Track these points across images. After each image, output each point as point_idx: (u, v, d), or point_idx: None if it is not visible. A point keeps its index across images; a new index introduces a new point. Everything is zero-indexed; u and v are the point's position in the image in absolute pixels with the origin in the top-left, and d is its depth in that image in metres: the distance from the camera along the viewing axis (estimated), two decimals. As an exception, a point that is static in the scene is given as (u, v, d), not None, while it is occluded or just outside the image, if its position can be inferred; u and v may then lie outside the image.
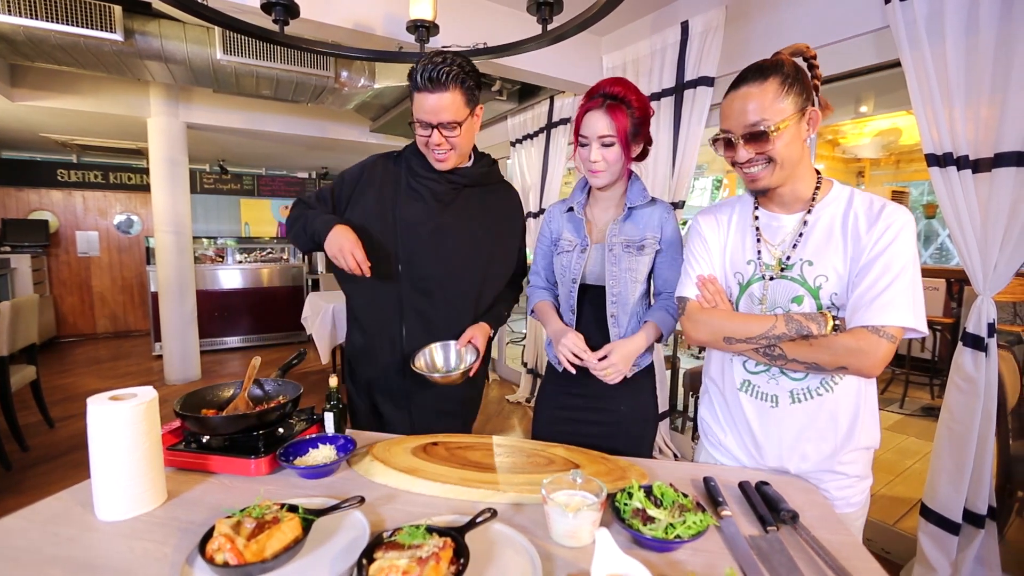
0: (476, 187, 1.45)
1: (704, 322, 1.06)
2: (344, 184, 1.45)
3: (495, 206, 1.49)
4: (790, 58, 0.97)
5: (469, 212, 1.43)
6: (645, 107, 1.27)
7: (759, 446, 1.05)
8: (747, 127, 0.94)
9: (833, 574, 0.72)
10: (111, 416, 0.88)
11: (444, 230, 1.39)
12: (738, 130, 0.96)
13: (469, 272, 1.44)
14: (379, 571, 0.67)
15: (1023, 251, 1.55)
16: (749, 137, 0.94)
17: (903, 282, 0.89)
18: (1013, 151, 1.52)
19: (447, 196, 1.40)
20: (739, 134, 0.96)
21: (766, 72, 0.94)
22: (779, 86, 0.92)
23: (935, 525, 1.70)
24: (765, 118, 0.92)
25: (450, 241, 1.40)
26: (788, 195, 1.01)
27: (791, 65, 0.95)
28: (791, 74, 0.93)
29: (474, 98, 1.30)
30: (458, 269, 1.42)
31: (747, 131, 0.94)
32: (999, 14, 1.54)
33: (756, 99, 0.93)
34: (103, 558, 0.77)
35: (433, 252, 1.39)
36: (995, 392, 1.61)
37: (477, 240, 1.44)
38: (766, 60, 0.97)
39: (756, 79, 0.94)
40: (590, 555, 0.76)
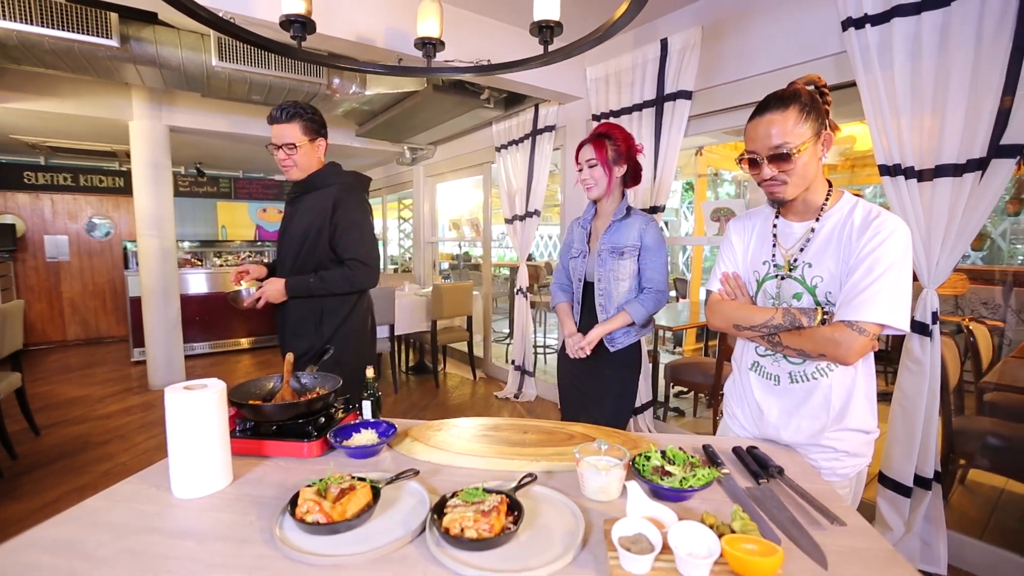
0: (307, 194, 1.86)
1: (720, 312, 1.25)
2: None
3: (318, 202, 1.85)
4: (805, 88, 1.11)
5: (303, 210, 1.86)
6: (627, 140, 1.70)
7: (762, 417, 1.23)
8: (771, 149, 1.08)
9: (812, 509, 0.89)
10: (189, 403, 0.97)
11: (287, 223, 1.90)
12: (763, 151, 1.09)
13: (293, 251, 1.86)
14: (451, 521, 0.81)
15: (960, 249, 1.79)
16: (773, 158, 1.08)
17: (884, 283, 1.01)
18: (950, 163, 1.77)
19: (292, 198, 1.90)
20: (764, 155, 1.09)
21: (787, 101, 1.07)
22: (799, 113, 1.06)
23: (890, 490, 1.93)
24: (787, 141, 1.06)
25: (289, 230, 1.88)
26: (801, 205, 1.16)
27: (807, 95, 1.09)
28: (808, 103, 1.07)
29: (306, 129, 1.78)
30: (288, 250, 1.88)
31: (771, 152, 1.08)
32: (938, 45, 1.78)
33: (779, 125, 1.06)
34: (194, 527, 0.88)
35: (282, 237, 1.92)
36: (938, 372, 1.86)
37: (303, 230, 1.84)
38: (786, 90, 1.11)
39: (778, 107, 1.08)
40: (617, 508, 0.92)
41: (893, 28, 1.86)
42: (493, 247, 4.99)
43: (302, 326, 1.86)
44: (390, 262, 7.84)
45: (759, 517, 0.87)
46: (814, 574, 0.74)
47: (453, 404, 4.03)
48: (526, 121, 3.82)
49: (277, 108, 1.75)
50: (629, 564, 0.72)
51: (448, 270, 7.92)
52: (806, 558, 0.78)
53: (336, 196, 1.81)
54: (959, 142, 1.75)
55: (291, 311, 1.86)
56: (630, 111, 2.96)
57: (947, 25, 1.76)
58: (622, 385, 1.77)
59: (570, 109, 3.53)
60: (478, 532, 0.79)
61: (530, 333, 4.16)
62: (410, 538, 0.83)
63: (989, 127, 1.69)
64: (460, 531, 0.79)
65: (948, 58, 1.76)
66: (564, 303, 1.88)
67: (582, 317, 1.82)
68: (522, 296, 4.10)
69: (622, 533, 0.77)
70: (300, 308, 1.85)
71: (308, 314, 1.85)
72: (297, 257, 1.85)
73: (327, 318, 1.86)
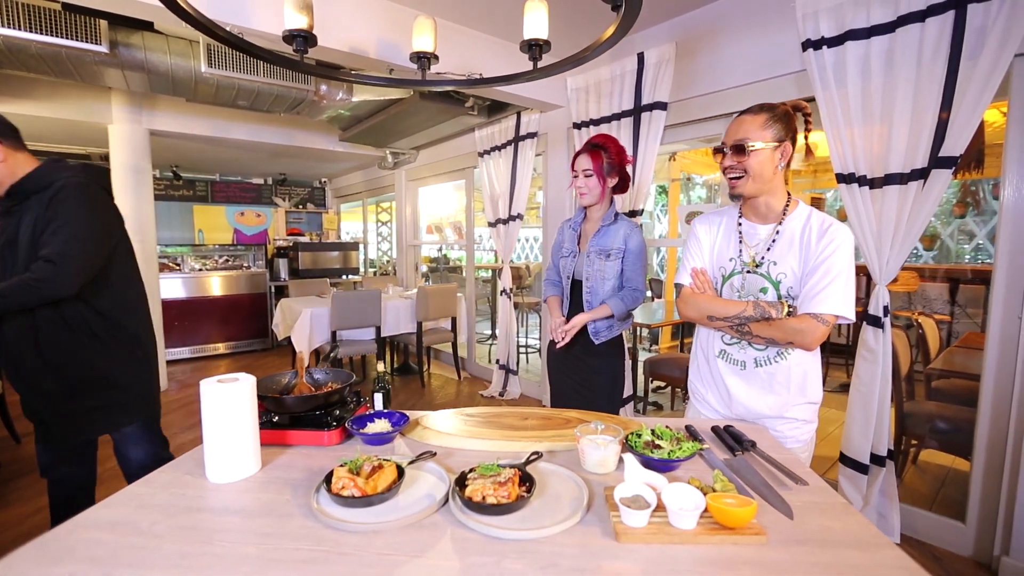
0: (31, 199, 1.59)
1: (693, 304, 1.39)
2: None
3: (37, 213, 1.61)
4: (784, 105, 1.30)
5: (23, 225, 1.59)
6: (620, 153, 1.85)
7: (732, 398, 1.39)
8: (734, 141, 1.27)
9: (780, 473, 1.04)
10: (224, 395, 1.06)
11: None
12: (729, 143, 1.29)
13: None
14: (473, 491, 0.92)
15: (907, 249, 2.00)
16: (733, 148, 1.28)
17: (838, 282, 1.21)
18: (897, 172, 1.97)
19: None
20: (729, 146, 1.29)
21: (761, 109, 1.28)
22: (765, 120, 1.25)
23: (849, 468, 2.13)
24: (747, 137, 1.25)
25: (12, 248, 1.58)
26: (763, 208, 1.33)
27: (782, 110, 1.27)
28: (779, 116, 1.26)
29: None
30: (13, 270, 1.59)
31: (733, 143, 1.28)
32: (884, 66, 1.99)
33: (747, 124, 1.27)
34: (236, 505, 0.97)
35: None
36: (890, 359, 2.06)
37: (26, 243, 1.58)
38: (767, 103, 1.30)
39: (752, 112, 1.28)
40: (615, 478, 1.05)
41: (847, 50, 2.06)
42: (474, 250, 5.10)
43: (19, 357, 1.57)
44: (369, 265, 7.85)
45: (736, 480, 1.02)
46: (783, 523, 0.89)
47: (440, 403, 4.11)
48: (508, 128, 3.95)
49: None
50: (629, 519, 0.85)
51: (428, 273, 7.98)
52: (776, 512, 0.92)
53: (55, 194, 1.54)
54: (904, 153, 1.96)
55: (6, 336, 1.57)
56: (609, 120, 3.12)
57: (892, 49, 1.96)
58: (611, 373, 1.93)
59: (551, 117, 3.67)
60: (497, 499, 0.90)
61: (514, 333, 4.28)
62: (436, 507, 0.94)
63: (929, 140, 1.90)
64: (482, 499, 0.90)
65: (893, 78, 1.97)
66: (554, 296, 2.05)
67: (570, 311, 1.98)
68: (506, 297, 4.22)
69: (622, 495, 0.90)
70: (12, 331, 1.56)
71: (20, 337, 1.56)
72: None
73: (46, 342, 1.57)
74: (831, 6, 2.09)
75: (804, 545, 0.82)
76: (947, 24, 1.84)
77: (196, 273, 5.56)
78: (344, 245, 6.69)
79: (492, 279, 6.56)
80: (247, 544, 0.84)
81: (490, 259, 7.90)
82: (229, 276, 5.69)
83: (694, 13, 2.75)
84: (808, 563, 0.78)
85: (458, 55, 2.91)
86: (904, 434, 2.42)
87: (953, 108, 1.84)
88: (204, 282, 5.53)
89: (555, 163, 3.77)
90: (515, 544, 0.83)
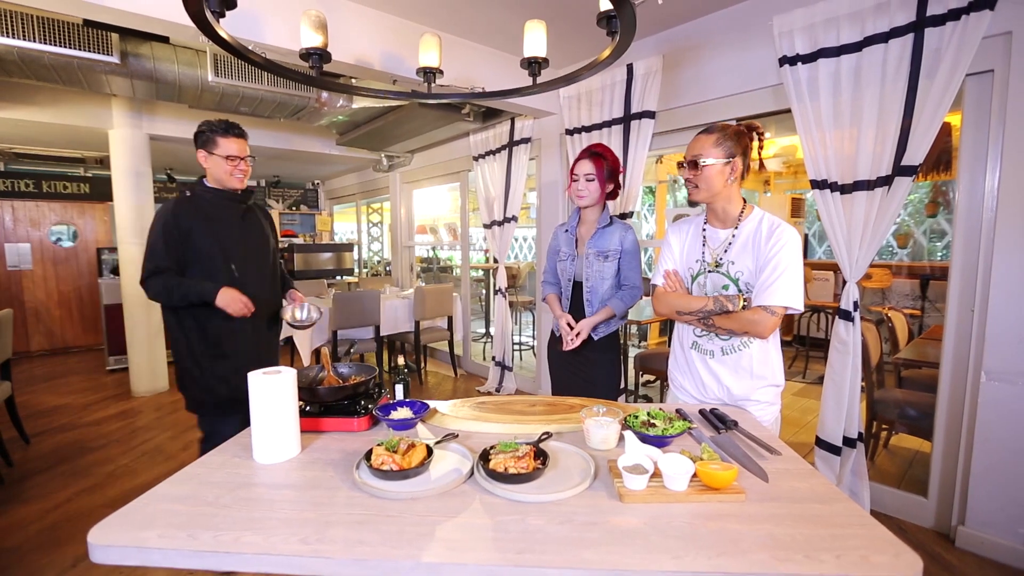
0: (253, 205, 2.07)
1: (664, 301, 1.57)
2: (172, 236, 1.86)
3: (262, 216, 2.11)
4: (733, 125, 1.49)
5: (256, 223, 2.04)
6: (615, 161, 2.00)
7: (704, 385, 1.56)
8: (691, 157, 1.47)
9: (757, 446, 1.21)
10: (270, 385, 1.19)
11: (251, 238, 1.99)
12: (687, 157, 1.48)
13: (265, 258, 2.05)
14: (496, 464, 1.07)
15: (874, 248, 2.18)
16: (689, 164, 1.47)
17: (785, 277, 1.37)
18: (864, 179, 2.16)
19: (244, 212, 1.99)
20: (687, 161, 1.48)
21: (713, 130, 1.48)
22: (716, 139, 1.45)
23: (824, 450, 2.32)
24: (700, 154, 1.45)
25: (251, 241, 1.99)
26: (722, 213, 1.52)
27: (732, 130, 1.46)
28: (729, 135, 1.45)
29: None
30: (261, 260, 2.02)
31: (690, 159, 1.48)
32: (852, 83, 2.17)
33: (700, 142, 1.46)
34: (287, 480, 1.10)
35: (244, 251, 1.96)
36: (860, 351, 2.25)
37: (267, 242, 2.06)
38: (718, 123, 1.50)
39: (706, 132, 1.48)
40: (616, 454, 1.20)
41: (819, 67, 2.24)
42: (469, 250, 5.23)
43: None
44: (362, 266, 7.93)
45: (720, 452, 1.18)
46: (759, 485, 1.05)
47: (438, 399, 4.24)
48: (503, 133, 4.09)
49: (234, 124, 1.91)
50: (631, 483, 1.00)
51: (421, 272, 8.09)
52: (754, 476, 1.08)
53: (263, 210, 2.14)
54: (871, 162, 2.14)
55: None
56: (600, 127, 3.28)
57: (859, 67, 2.15)
58: (609, 366, 2.08)
59: (545, 123, 3.83)
60: (517, 470, 1.05)
61: (509, 331, 4.43)
62: (463, 479, 1.08)
63: (892, 150, 2.09)
64: (504, 469, 1.05)
65: (861, 93, 2.16)
66: (552, 294, 2.20)
67: (571, 311, 2.11)
68: (501, 296, 4.36)
69: (624, 464, 1.05)
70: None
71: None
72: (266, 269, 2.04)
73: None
74: (805, 26, 2.27)
75: (776, 501, 0.99)
76: (907, 45, 2.03)
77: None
78: (338, 246, 6.78)
79: (485, 279, 6.70)
80: (304, 511, 0.98)
81: (480, 259, 8.03)
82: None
83: (680, 28, 2.92)
84: (779, 515, 0.94)
85: (459, 65, 3.05)
86: (875, 419, 2.63)
87: (913, 121, 2.03)
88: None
89: (548, 167, 3.92)
90: (535, 506, 0.98)
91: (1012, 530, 1.97)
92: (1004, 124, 1.94)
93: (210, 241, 1.87)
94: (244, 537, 0.88)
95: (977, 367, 2.04)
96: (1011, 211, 1.94)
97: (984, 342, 2.01)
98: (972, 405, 2.06)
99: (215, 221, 1.90)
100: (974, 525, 2.06)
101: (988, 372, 2.00)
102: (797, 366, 4.92)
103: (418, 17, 2.79)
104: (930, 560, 2.02)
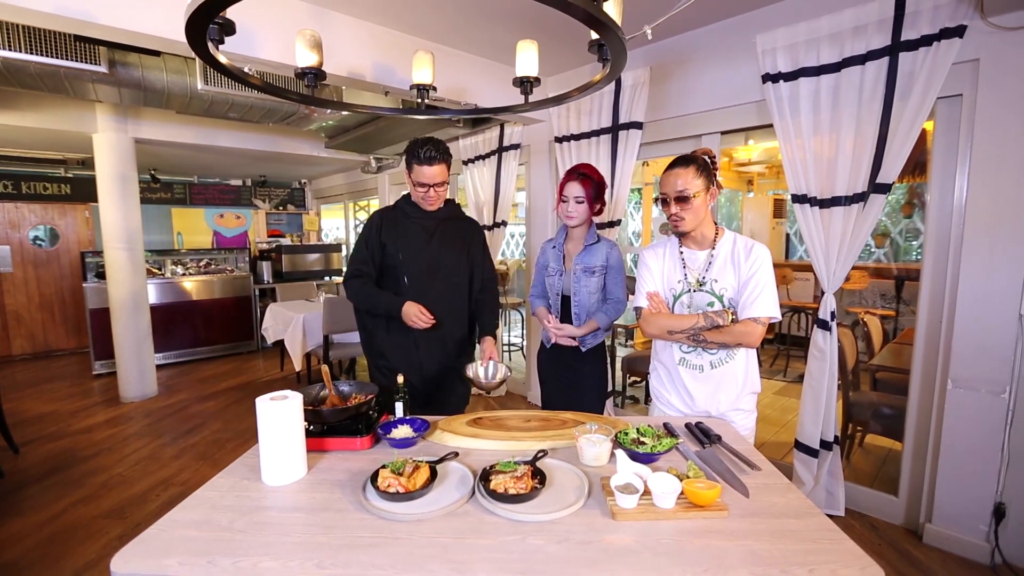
0: (448, 220, 2.08)
1: (654, 323, 1.64)
2: (371, 241, 2.03)
3: (461, 233, 2.11)
4: (702, 155, 1.58)
5: (447, 239, 2.06)
6: (602, 181, 2.07)
7: (693, 399, 1.65)
8: (677, 192, 1.54)
9: (739, 461, 1.29)
10: (278, 411, 1.24)
11: (435, 254, 2.02)
12: (672, 194, 1.55)
13: (456, 280, 2.07)
14: (497, 484, 1.14)
15: (851, 261, 2.29)
16: (677, 199, 1.55)
17: (766, 292, 1.51)
18: (842, 195, 2.26)
19: (433, 227, 2.03)
20: (672, 196, 1.55)
21: (688, 162, 1.56)
22: (696, 171, 1.54)
23: (802, 452, 2.44)
24: (687, 188, 1.52)
25: (432, 256, 2.02)
26: (699, 237, 1.62)
27: (702, 160, 1.56)
28: (703, 165, 1.55)
29: (449, 167, 1.99)
30: (443, 276, 2.04)
31: (676, 195, 1.55)
32: (832, 102, 2.26)
33: (683, 176, 1.54)
34: (297, 504, 1.16)
35: (429, 270, 2.01)
36: (836, 359, 2.37)
37: (457, 259, 2.07)
38: (688, 155, 1.58)
39: (683, 165, 1.56)
40: (608, 470, 1.28)
41: (800, 85, 2.33)
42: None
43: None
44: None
45: (704, 468, 1.26)
46: (740, 500, 1.13)
47: (430, 402, 4.29)
48: (492, 138, 4.13)
49: (433, 149, 1.89)
50: (623, 502, 1.08)
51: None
52: (736, 492, 1.17)
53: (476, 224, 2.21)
54: (848, 179, 2.24)
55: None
56: (588, 136, 3.35)
57: (838, 87, 2.24)
58: (597, 377, 2.17)
59: (534, 130, 3.87)
60: (517, 490, 1.12)
61: (505, 336, 4.49)
62: (465, 499, 1.15)
63: (868, 168, 2.19)
64: (504, 490, 1.12)
65: (839, 112, 2.25)
66: (542, 307, 2.26)
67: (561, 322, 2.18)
68: (491, 299, 4.42)
69: (616, 483, 1.13)
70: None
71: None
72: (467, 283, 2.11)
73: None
74: (787, 45, 2.35)
75: (756, 517, 1.07)
76: (883, 68, 2.12)
77: (181, 277, 5.56)
78: (326, 247, 6.76)
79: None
80: (317, 534, 1.03)
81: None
82: (214, 280, 5.71)
83: (667, 41, 2.99)
84: (759, 530, 1.02)
85: (451, 75, 3.08)
86: (850, 421, 2.75)
87: (887, 142, 2.13)
88: (190, 287, 5.54)
89: (538, 172, 3.98)
90: (534, 525, 1.05)
91: (974, 527, 2.10)
92: (971, 147, 2.05)
93: (393, 252, 1.99)
94: (263, 563, 0.94)
95: (944, 375, 2.16)
96: (976, 230, 2.05)
97: (951, 352, 2.13)
98: (939, 411, 2.19)
99: (402, 234, 2.00)
100: (940, 522, 2.20)
101: (954, 380, 2.12)
102: (778, 364, 5.08)
103: (409, 29, 2.82)
104: (899, 556, 2.15)
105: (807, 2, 2.40)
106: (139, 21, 1.99)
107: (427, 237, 2.01)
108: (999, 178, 1.98)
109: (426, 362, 2.06)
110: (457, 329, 2.11)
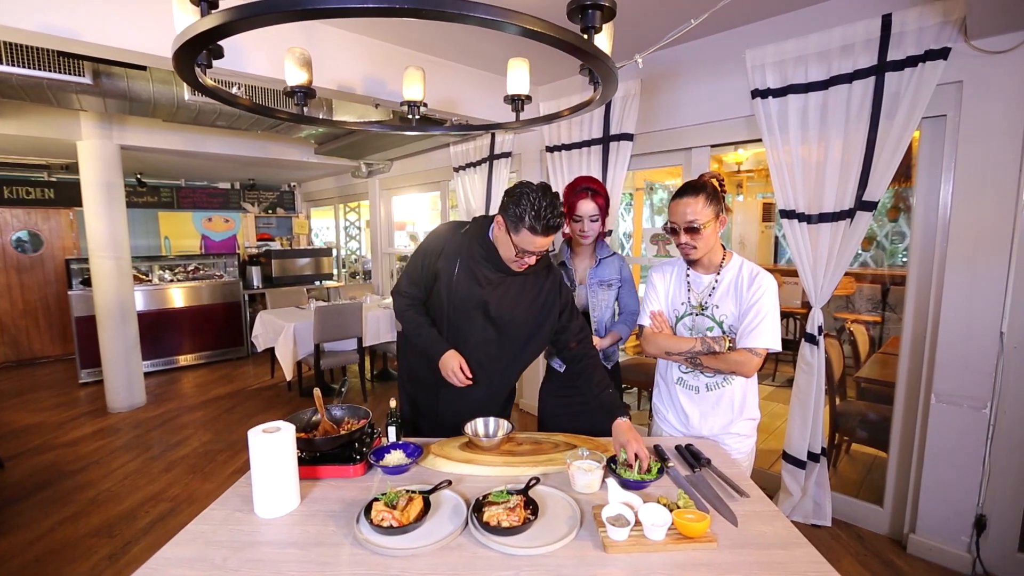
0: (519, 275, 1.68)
1: (654, 342, 1.66)
2: (426, 263, 1.72)
3: (534, 289, 1.72)
4: (711, 181, 1.56)
5: (510, 294, 1.69)
6: (608, 196, 2.03)
7: (687, 418, 1.67)
8: (686, 223, 1.51)
9: (731, 489, 1.31)
10: (270, 444, 1.23)
11: (487, 300, 1.67)
12: (681, 224, 1.53)
13: (504, 332, 1.71)
14: (490, 517, 1.15)
15: (837, 276, 2.32)
16: (687, 230, 1.52)
17: (766, 321, 1.49)
18: (829, 212, 2.29)
19: (496, 280, 1.67)
20: (682, 227, 1.53)
21: (698, 190, 1.52)
22: (706, 200, 1.51)
23: (791, 464, 2.48)
24: (697, 219, 1.50)
25: (490, 308, 1.68)
26: (707, 262, 1.61)
27: (712, 187, 1.54)
28: (713, 192, 1.53)
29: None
30: (494, 331, 1.71)
31: (686, 226, 1.52)
32: (819, 120, 2.29)
33: (692, 206, 1.50)
34: (290, 538, 1.16)
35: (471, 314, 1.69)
36: (823, 372, 2.40)
37: (515, 313, 1.70)
38: (697, 181, 1.55)
39: (692, 194, 1.51)
40: (599, 497, 1.29)
41: (788, 101, 2.36)
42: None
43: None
44: (342, 265, 7.87)
45: (694, 495, 1.28)
46: (729, 530, 1.15)
47: (422, 409, 4.29)
48: (483, 146, 4.12)
49: (559, 218, 1.49)
50: (614, 534, 1.09)
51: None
52: (725, 521, 1.19)
53: (556, 276, 1.77)
54: (835, 196, 2.28)
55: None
56: (580, 146, 3.36)
57: (825, 104, 2.27)
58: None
59: (525, 138, 3.88)
60: (510, 523, 1.13)
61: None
62: (459, 532, 1.15)
63: (855, 186, 2.22)
64: (497, 523, 1.13)
65: (827, 129, 2.28)
66: None
67: None
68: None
69: (607, 514, 1.14)
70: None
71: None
72: (495, 343, 1.75)
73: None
74: (776, 61, 2.37)
75: (745, 547, 1.09)
76: (869, 87, 2.15)
77: (169, 284, 5.49)
78: (317, 251, 6.71)
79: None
80: (311, 571, 1.03)
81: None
82: (203, 286, 5.65)
83: (658, 54, 3.00)
84: (747, 562, 1.04)
85: (441, 86, 3.07)
86: (837, 431, 2.80)
87: (874, 160, 2.16)
88: (178, 293, 5.48)
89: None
90: (527, 559, 1.06)
91: (956, 538, 2.15)
92: (955, 167, 2.09)
93: (444, 287, 1.69)
94: (256, 606, 0.94)
95: (928, 389, 2.21)
96: (959, 248, 2.09)
97: (935, 366, 2.17)
98: (923, 424, 2.24)
99: (460, 274, 1.66)
100: (923, 533, 2.25)
101: (937, 394, 2.17)
102: (767, 368, 5.14)
103: (399, 40, 2.80)
104: (884, 567, 2.20)
105: (796, 19, 2.43)
106: (125, 38, 1.96)
107: (491, 287, 1.67)
108: (981, 199, 2.02)
109: (444, 410, 1.82)
110: (498, 392, 1.84)
